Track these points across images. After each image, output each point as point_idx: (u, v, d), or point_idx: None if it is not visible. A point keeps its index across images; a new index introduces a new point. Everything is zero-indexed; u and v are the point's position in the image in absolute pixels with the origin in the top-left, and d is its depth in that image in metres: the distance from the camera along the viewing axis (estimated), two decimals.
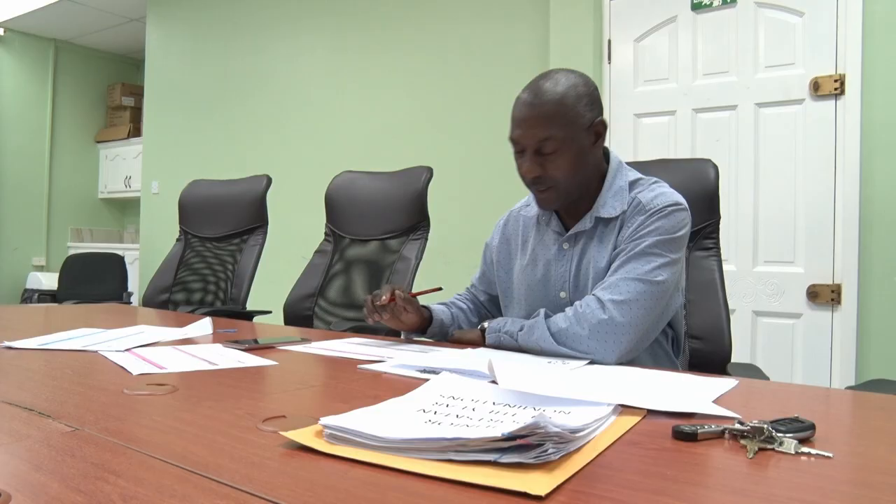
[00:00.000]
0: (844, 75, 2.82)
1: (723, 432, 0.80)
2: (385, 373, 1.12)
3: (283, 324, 2.41)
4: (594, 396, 0.89)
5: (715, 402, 0.96)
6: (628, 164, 1.60)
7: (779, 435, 0.76)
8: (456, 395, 0.89)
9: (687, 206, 1.39)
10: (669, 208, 1.35)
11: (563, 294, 1.45)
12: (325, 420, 0.71)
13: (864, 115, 2.78)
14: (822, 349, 2.89)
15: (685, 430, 0.79)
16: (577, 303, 1.32)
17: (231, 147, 5.23)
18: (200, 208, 2.94)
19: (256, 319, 2.46)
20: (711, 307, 1.61)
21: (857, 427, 0.90)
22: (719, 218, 1.66)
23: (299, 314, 2.46)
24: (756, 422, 0.78)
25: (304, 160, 4.66)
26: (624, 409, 0.88)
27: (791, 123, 2.96)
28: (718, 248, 1.67)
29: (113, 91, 7.27)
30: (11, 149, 6.74)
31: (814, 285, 2.89)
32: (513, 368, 0.99)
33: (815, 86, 2.88)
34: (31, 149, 6.89)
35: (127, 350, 1.31)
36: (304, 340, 1.49)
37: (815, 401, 1.06)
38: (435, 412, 0.81)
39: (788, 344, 2.95)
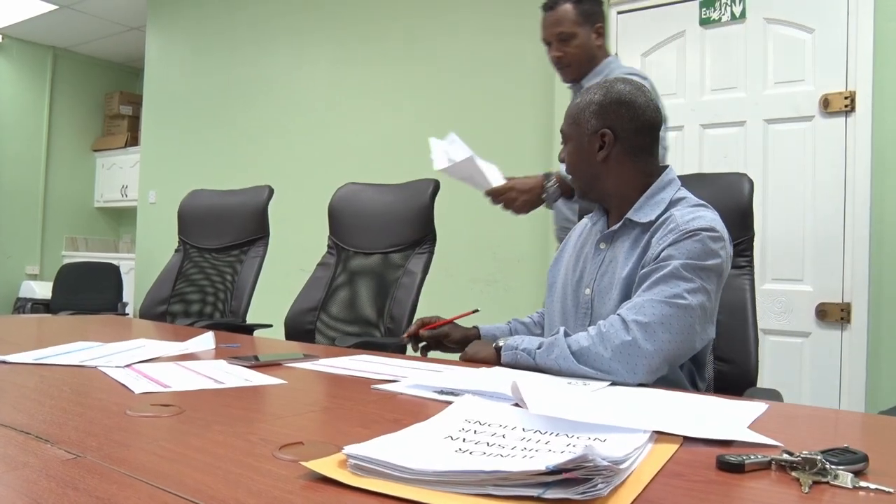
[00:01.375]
0: (855, 92, 2.79)
1: (769, 463, 0.75)
2: (400, 393, 1.06)
3: (283, 338, 2.35)
4: (629, 422, 0.83)
5: (750, 427, 0.91)
6: None
7: (832, 467, 0.71)
8: (482, 421, 0.84)
9: (726, 235, 1.33)
10: (703, 233, 1.29)
11: (587, 291, 1.45)
12: (349, 449, 0.66)
13: (875, 132, 2.75)
14: (830, 369, 2.84)
15: (731, 461, 0.74)
16: (600, 322, 1.27)
17: (231, 158, 5.18)
18: (200, 219, 2.89)
19: (256, 333, 2.40)
20: (739, 329, 1.55)
21: None
22: (753, 235, 1.60)
23: (301, 328, 2.39)
24: (807, 452, 0.73)
25: (306, 171, 4.61)
26: (659, 435, 0.83)
27: (800, 140, 2.92)
28: (752, 267, 1.59)
29: (111, 99, 7.21)
30: (7, 156, 6.68)
31: (823, 304, 2.85)
32: (540, 392, 0.93)
33: (825, 102, 2.85)
34: (27, 156, 6.83)
35: (127, 366, 1.25)
36: (307, 357, 1.44)
37: (855, 428, 1.00)
38: (464, 440, 0.75)
39: (797, 363, 2.90)
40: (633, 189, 1.44)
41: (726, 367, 1.59)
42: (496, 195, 2.06)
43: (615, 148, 1.42)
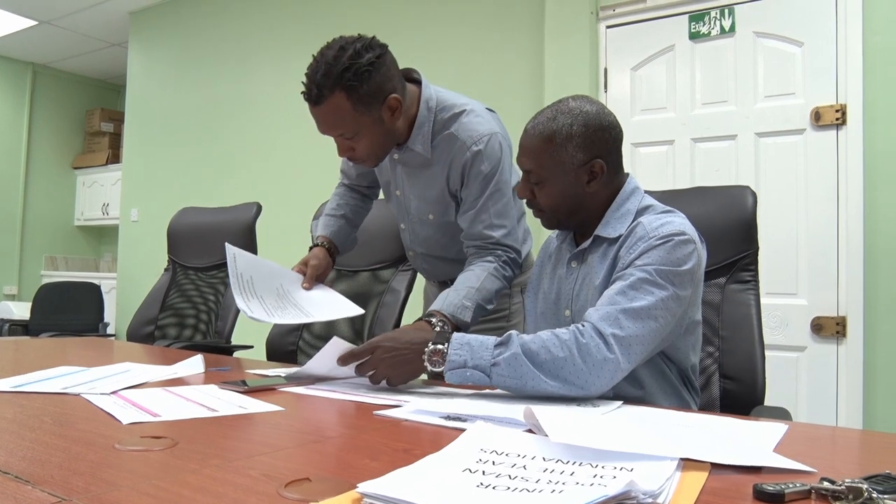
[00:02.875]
0: (846, 105, 2.79)
1: (809, 491, 0.70)
2: (405, 420, 1.01)
3: (265, 359, 2.28)
4: (654, 449, 0.78)
5: (776, 451, 0.87)
6: (660, 192, 1.55)
7: (879, 496, 0.66)
8: (499, 450, 0.78)
9: (697, 238, 1.29)
10: (676, 238, 1.25)
11: (567, 312, 1.41)
12: (364, 487, 0.60)
13: (867, 145, 2.75)
14: (827, 383, 2.81)
15: (769, 490, 0.69)
16: (574, 330, 1.18)
17: (214, 174, 5.11)
18: (189, 237, 2.82)
19: (237, 354, 2.33)
20: (745, 345, 1.51)
21: None
22: (757, 248, 1.57)
23: (283, 349, 2.32)
24: (850, 480, 0.68)
25: (291, 188, 4.55)
26: (685, 462, 0.78)
27: (792, 153, 2.91)
28: (757, 282, 1.56)
29: (92, 116, 7.12)
30: None
31: (818, 318, 2.83)
32: (557, 417, 0.88)
33: (816, 115, 2.84)
34: (5, 174, 6.70)
35: (113, 393, 1.18)
36: (300, 380, 1.37)
37: (887, 450, 0.96)
38: (483, 472, 0.70)
39: (793, 377, 2.88)
40: (601, 207, 1.38)
41: (732, 384, 1.54)
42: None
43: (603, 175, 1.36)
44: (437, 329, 1.45)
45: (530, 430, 0.91)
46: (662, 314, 1.21)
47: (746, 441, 0.93)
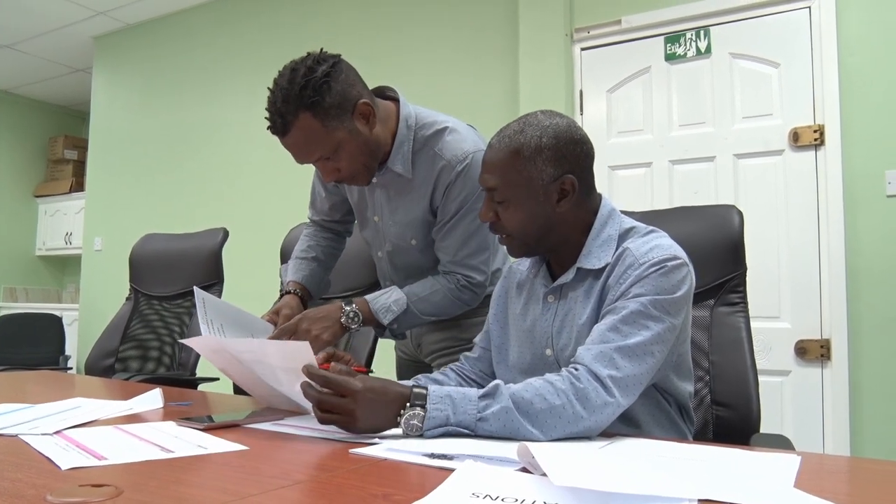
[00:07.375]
0: (823, 126, 2.77)
1: None
2: (383, 459, 0.90)
3: (231, 392, 2.16)
4: (667, 490, 0.69)
5: (795, 486, 0.78)
6: (641, 213, 1.47)
7: None
8: (493, 494, 0.69)
9: (688, 260, 1.21)
10: (669, 263, 1.16)
11: (548, 352, 1.28)
12: None
13: (846, 165, 2.73)
14: (812, 407, 2.76)
15: None
16: (568, 375, 1.08)
17: (180, 202, 4.97)
18: (152, 264, 2.69)
19: (202, 387, 2.20)
20: (737, 370, 1.44)
21: None
22: (745, 269, 1.50)
23: None
24: None
25: (258, 215, 4.43)
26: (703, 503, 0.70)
27: (771, 174, 2.89)
28: (745, 303, 1.49)
29: (54, 143, 6.93)
30: None
31: (802, 341, 2.78)
32: (557, 455, 0.79)
33: (795, 136, 2.82)
34: None
35: (56, 433, 1.06)
36: (268, 415, 1.26)
37: None
38: None
39: (777, 403, 2.81)
40: (580, 232, 1.27)
41: (725, 411, 1.47)
42: (289, 333, 1.52)
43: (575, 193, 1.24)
44: (412, 384, 1.21)
45: (524, 469, 0.82)
46: (659, 348, 1.13)
47: (763, 476, 0.85)
